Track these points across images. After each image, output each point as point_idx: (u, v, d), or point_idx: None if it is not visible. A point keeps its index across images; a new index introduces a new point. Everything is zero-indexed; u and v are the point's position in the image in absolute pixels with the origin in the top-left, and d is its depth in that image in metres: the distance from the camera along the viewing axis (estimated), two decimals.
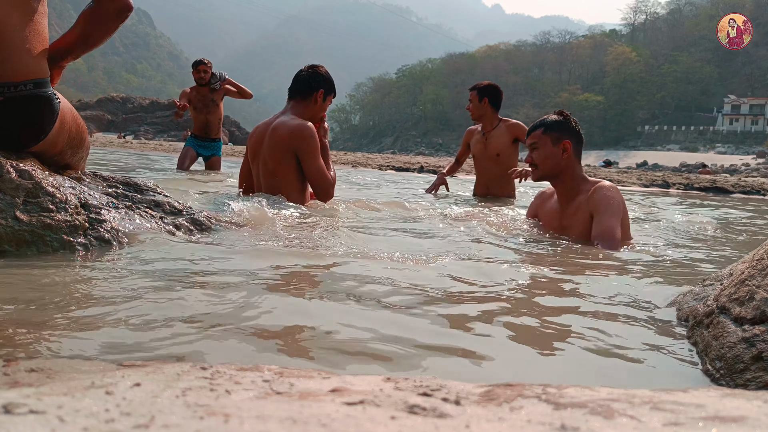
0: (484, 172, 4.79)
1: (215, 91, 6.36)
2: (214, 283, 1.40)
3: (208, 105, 6.40)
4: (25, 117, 1.84)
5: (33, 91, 1.83)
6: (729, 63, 76.48)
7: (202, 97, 6.38)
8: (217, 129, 6.56)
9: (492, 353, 1.06)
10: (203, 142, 6.54)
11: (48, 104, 1.88)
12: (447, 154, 57.56)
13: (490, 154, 4.67)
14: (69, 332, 1.00)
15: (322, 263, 1.74)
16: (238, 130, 46.82)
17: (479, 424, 0.48)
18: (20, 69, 1.80)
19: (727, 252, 2.59)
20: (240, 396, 0.53)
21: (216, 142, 6.61)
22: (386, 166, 11.70)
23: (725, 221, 4.38)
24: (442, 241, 2.39)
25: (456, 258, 1.95)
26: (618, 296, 1.55)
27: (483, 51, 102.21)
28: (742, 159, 41.49)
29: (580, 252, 2.22)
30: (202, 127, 6.48)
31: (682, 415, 0.52)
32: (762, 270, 1.10)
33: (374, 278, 1.56)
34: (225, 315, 1.15)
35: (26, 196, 1.61)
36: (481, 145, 4.72)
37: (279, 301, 1.30)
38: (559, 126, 2.57)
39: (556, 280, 1.70)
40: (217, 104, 6.41)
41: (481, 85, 4.75)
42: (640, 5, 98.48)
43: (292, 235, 2.22)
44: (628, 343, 1.17)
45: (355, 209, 3.19)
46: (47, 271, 1.40)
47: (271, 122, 3.07)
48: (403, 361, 0.98)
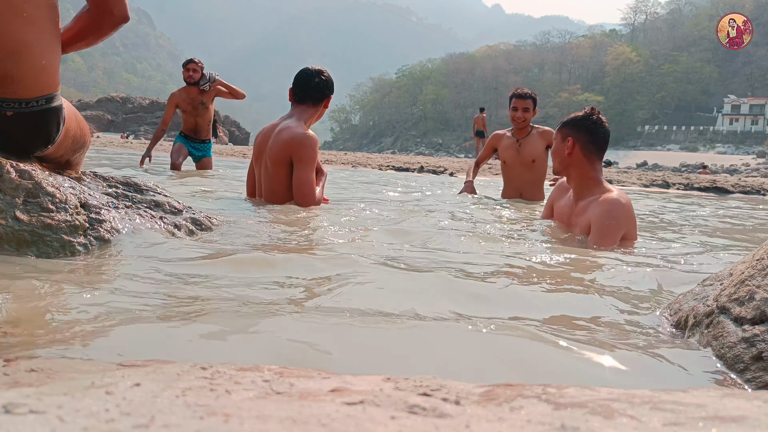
0: (516, 178, 4.71)
1: (205, 93, 6.27)
2: (214, 283, 1.40)
3: (197, 108, 6.31)
4: (34, 129, 1.83)
5: (44, 106, 1.81)
6: (729, 63, 76.48)
7: (191, 99, 6.29)
8: (207, 131, 6.47)
9: (492, 353, 1.06)
10: (193, 143, 6.48)
11: (56, 115, 1.87)
12: (447, 154, 57.54)
13: (525, 160, 4.62)
14: (69, 332, 1.00)
15: (323, 263, 1.74)
16: (238, 130, 46.77)
17: (479, 424, 0.48)
18: (35, 87, 1.78)
19: (727, 252, 2.58)
20: (240, 396, 0.53)
21: (206, 143, 6.55)
22: (386, 166, 11.70)
23: (725, 221, 4.38)
24: (442, 241, 2.39)
25: (456, 257, 1.95)
26: (617, 296, 1.55)
27: (483, 51, 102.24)
28: (742, 159, 41.50)
29: (580, 252, 2.22)
30: (191, 129, 6.41)
31: (682, 415, 0.52)
32: (762, 270, 1.10)
33: (374, 277, 1.56)
34: (225, 315, 1.15)
35: (26, 196, 1.61)
36: (513, 151, 4.65)
37: (279, 301, 1.30)
38: (572, 123, 2.56)
39: (555, 280, 1.70)
40: (207, 107, 6.33)
41: (532, 93, 4.69)
42: (640, 5, 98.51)
43: (292, 235, 2.22)
44: (628, 343, 1.17)
45: (360, 210, 3.19)
46: (47, 271, 1.40)
47: (277, 125, 3.07)
48: (403, 361, 0.98)
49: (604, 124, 2.55)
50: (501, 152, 4.77)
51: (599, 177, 2.54)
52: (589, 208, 2.46)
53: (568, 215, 2.64)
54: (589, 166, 2.52)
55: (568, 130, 2.56)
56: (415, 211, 3.40)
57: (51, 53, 1.83)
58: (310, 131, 3.00)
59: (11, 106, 1.75)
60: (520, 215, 3.54)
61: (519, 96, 4.62)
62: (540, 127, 4.71)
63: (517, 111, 4.56)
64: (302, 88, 3.09)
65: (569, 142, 2.52)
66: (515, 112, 4.58)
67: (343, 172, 9.29)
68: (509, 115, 4.66)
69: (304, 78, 3.10)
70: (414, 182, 7.68)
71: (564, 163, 2.56)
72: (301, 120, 3.02)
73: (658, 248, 2.47)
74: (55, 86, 1.86)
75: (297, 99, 3.10)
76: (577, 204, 2.58)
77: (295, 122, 2.99)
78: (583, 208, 2.51)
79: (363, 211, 3.17)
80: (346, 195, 4.65)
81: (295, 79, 3.13)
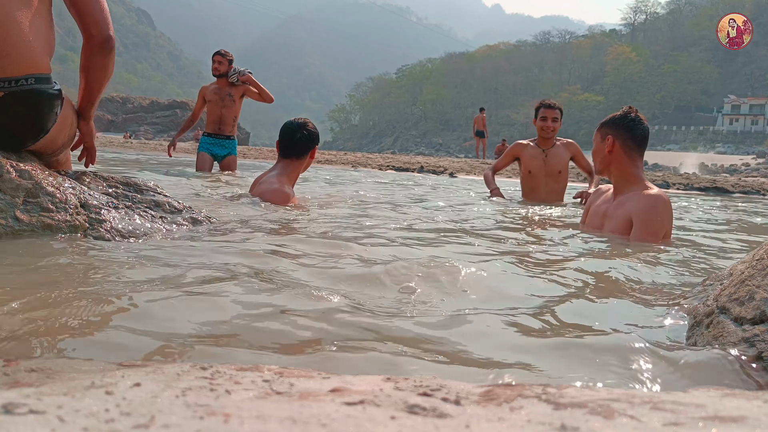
0: (541, 188, 4.71)
1: (234, 86, 6.13)
2: (214, 283, 1.40)
3: (224, 98, 6.13)
4: (25, 113, 1.83)
5: (34, 86, 1.83)
6: (729, 63, 76.50)
7: (219, 89, 6.15)
8: (231, 126, 6.29)
9: (492, 353, 1.06)
10: (217, 140, 6.27)
11: (48, 101, 1.88)
12: (447, 154, 57.52)
13: (551, 171, 4.65)
14: (69, 332, 1.00)
15: (323, 262, 1.74)
16: (237, 130, 46.79)
17: (479, 424, 0.48)
18: (21, 63, 1.80)
19: (727, 252, 2.58)
20: (240, 396, 0.53)
21: (230, 140, 6.35)
22: (386, 166, 11.70)
23: (725, 221, 4.38)
24: (443, 239, 2.39)
25: (456, 256, 1.95)
26: (617, 296, 1.55)
27: (483, 51, 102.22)
28: (742, 159, 41.47)
29: (579, 252, 2.22)
30: (216, 122, 6.20)
31: (682, 415, 0.52)
32: (762, 270, 1.10)
33: (375, 277, 1.56)
34: (225, 315, 1.15)
35: (26, 196, 1.60)
36: (540, 161, 4.66)
37: (279, 300, 1.30)
38: (611, 122, 2.60)
39: (555, 280, 1.70)
40: (234, 100, 6.14)
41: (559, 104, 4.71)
42: (640, 5, 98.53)
43: (292, 235, 2.22)
44: (628, 342, 1.17)
45: (362, 208, 3.19)
46: (47, 270, 1.40)
47: (262, 177, 3.21)
48: (403, 361, 0.98)
49: (643, 121, 2.59)
50: (526, 162, 4.75)
51: (640, 174, 2.55)
52: (629, 202, 2.48)
53: (604, 210, 2.64)
54: (630, 163, 2.54)
55: (607, 129, 2.59)
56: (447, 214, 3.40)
57: (38, 35, 1.86)
58: (287, 187, 3.08)
59: (2, 86, 1.77)
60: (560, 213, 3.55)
61: (547, 106, 4.64)
62: (563, 139, 4.77)
63: (547, 120, 4.58)
64: (287, 143, 3.17)
65: (609, 141, 2.55)
66: (545, 121, 4.58)
67: (346, 172, 9.29)
68: (537, 126, 4.65)
69: (289, 132, 3.18)
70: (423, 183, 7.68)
71: (605, 162, 2.58)
72: (284, 175, 3.13)
73: (657, 248, 2.47)
74: (44, 68, 1.88)
75: (282, 153, 3.19)
76: (616, 198, 2.59)
77: (276, 177, 3.10)
78: (622, 201, 2.53)
79: (367, 210, 3.17)
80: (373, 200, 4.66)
81: (280, 132, 3.20)
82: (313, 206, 3.32)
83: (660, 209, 2.41)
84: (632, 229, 2.42)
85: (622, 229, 2.45)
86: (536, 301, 1.45)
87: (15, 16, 1.78)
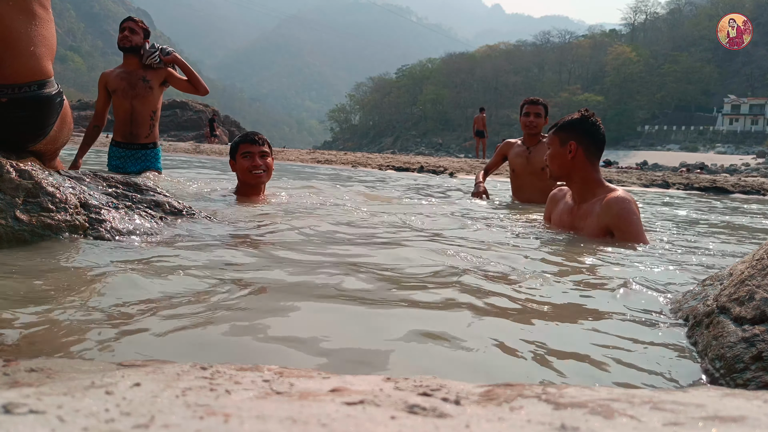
0: (526, 186, 4.70)
1: (151, 69, 4.16)
2: (214, 283, 1.40)
3: (136, 85, 4.11)
4: (27, 117, 1.85)
5: (37, 92, 1.84)
6: (729, 63, 76.52)
7: (128, 74, 4.12)
8: (148, 127, 4.19)
9: (492, 353, 1.06)
10: (127, 150, 4.18)
11: (49, 104, 1.89)
12: (447, 154, 57.52)
13: (534, 169, 4.60)
14: (69, 332, 1.00)
15: (324, 262, 1.74)
16: (237, 130, 46.64)
17: (479, 424, 0.48)
18: (25, 71, 1.82)
19: (727, 252, 2.58)
20: (240, 396, 0.53)
21: (148, 150, 4.22)
22: (386, 166, 11.69)
23: (725, 221, 4.38)
24: (443, 239, 2.39)
25: (456, 256, 1.95)
26: (617, 296, 1.54)
27: (483, 51, 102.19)
28: (742, 159, 41.46)
29: (579, 252, 2.22)
30: (125, 122, 4.13)
31: (682, 415, 0.52)
32: (762, 270, 1.10)
33: (375, 277, 1.56)
34: (225, 314, 1.15)
35: (26, 196, 1.60)
36: (523, 159, 4.65)
37: (279, 300, 1.30)
38: (569, 126, 2.52)
39: (554, 280, 1.70)
40: (151, 87, 4.13)
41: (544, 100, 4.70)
42: (640, 5, 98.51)
43: (293, 235, 2.22)
44: (628, 343, 1.17)
45: (356, 206, 3.19)
46: (47, 271, 1.40)
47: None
48: (403, 361, 0.98)
49: (601, 125, 2.54)
50: (511, 160, 4.76)
51: (600, 178, 2.52)
52: (595, 209, 2.42)
53: (569, 221, 2.59)
54: (591, 168, 2.50)
55: (566, 134, 2.50)
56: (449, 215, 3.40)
57: (41, 43, 1.88)
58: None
59: (5, 92, 1.79)
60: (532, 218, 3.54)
61: (530, 102, 4.65)
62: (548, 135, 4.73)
63: (529, 116, 4.58)
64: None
65: (571, 146, 2.47)
66: (527, 117, 4.59)
67: (346, 172, 9.28)
68: (521, 122, 4.66)
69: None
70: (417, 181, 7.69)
71: (566, 168, 2.50)
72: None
73: (657, 248, 2.47)
74: (46, 74, 1.90)
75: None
76: (580, 207, 2.53)
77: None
78: (587, 210, 2.47)
79: (363, 207, 3.17)
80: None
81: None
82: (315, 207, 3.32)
83: (633, 209, 2.37)
84: (614, 236, 2.37)
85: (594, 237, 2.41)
86: (536, 302, 1.45)
87: (17, 26, 1.79)
